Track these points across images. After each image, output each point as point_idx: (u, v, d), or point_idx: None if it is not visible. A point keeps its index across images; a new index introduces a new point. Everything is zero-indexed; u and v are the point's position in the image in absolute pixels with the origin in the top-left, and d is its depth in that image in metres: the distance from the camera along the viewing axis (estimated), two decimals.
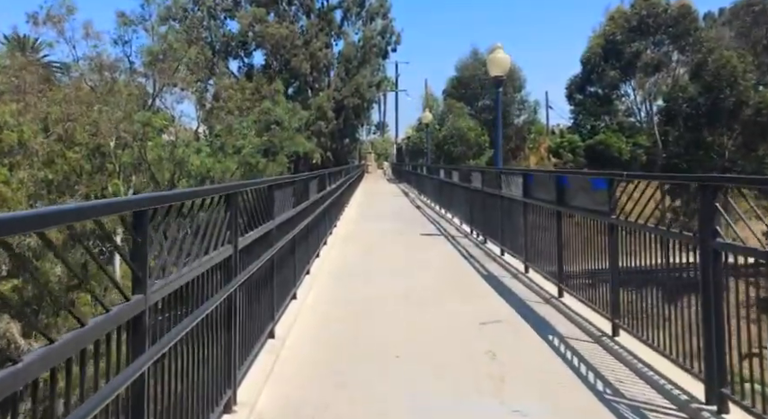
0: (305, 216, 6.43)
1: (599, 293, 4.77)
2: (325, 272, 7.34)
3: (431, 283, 6.71)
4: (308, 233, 6.95)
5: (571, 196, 5.49)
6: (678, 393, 3.31)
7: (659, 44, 38.55)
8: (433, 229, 12.20)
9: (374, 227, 12.55)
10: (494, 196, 8.96)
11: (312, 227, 7.40)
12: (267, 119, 23.87)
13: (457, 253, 9.03)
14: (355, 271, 7.40)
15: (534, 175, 6.84)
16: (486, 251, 8.94)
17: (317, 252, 8.15)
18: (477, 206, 10.26)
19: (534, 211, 6.72)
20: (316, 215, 7.74)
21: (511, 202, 7.86)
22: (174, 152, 20.00)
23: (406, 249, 9.28)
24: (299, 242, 6.08)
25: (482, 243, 9.52)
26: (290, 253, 5.46)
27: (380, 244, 9.88)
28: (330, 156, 42.38)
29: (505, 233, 8.20)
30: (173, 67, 22.87)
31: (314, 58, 40.82)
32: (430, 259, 8.30)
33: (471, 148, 43.44)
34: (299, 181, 6.31)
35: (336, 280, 6.87)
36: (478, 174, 10.04)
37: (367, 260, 8.26)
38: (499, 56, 10.14)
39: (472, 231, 10.77)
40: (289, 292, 5.45)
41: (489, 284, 6.65)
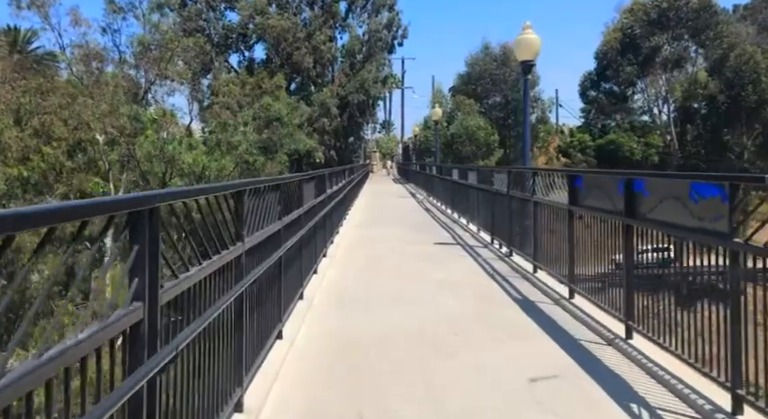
0: (295, 230, 5.02)
1: (706, 350, 3.33)
2: (322, 297, 5.92)
3: (452, 314, 5.28)
4: (302, 248, 5.54)
5: (649, 206, 4.06)
6: None
7: (678, 39, 36.93)
8: (446, 237, 10.77)
9: (381, 233, 11.13)
10: (524, 201, 7.53)
11: (307, 241, 5.99)
12: (267, 115, 22.47)
13: (479, 268, 7.60)
14: (357, 295, 5.97)
15: (585, 178, 5.40)
16: (512, 266, 7.51)
17: (315, 267, 6.75)
18: (500, 212, 8.82)
19: (586, 223, 5.28)
20: (313, 225, 6.33)
21: (549, 211, 6.42)
22: (164, 148, 18.63)
23: (417, 263, 7.85)
24: (287, 264, 4.68)
25: (507, 255, 8.09)
26: (272, 282, 4.05)
27: (388, 256, 8.45)
28: (334, 155, 40.99)
29: (540, 247, 6.76)
30: (165, 58, 21.51)
31: (317, 52, 39.39)
32: (448, 278, 6.87)
33: (480, 148, 41.93)
34: (288, 184, 4.89)
35: (335, 310, 5.44)
36: (503, 176, 8.60)
37: (372, 279, 6.83)
38: (529, 37, 8.70)
39: (493, 240, 9.34)
40: (271, 333, 4.04)
41: (528, 315, 5.22)
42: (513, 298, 5.85)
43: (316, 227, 6.82)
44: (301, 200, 5.52)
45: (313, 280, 6.39)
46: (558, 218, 6.04)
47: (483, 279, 6.87)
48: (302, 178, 5.65)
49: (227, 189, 3.05)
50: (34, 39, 30.42)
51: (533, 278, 6.64)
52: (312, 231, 6.51)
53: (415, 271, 7.24)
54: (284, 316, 4.42)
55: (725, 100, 36.91)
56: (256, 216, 3.52)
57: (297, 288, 5.30)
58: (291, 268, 4.98)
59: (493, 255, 8.48)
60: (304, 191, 5.88)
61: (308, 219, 6.04)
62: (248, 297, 3.29)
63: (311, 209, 6.38)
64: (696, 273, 3.69)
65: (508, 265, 7.65)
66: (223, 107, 23.73)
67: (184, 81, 22.02)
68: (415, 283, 6.55)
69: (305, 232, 5.66)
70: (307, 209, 5.92)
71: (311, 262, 6.41)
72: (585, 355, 4.14)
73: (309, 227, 6.02)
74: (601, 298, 4.90)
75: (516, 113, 40.29)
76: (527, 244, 7.36)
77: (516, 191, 7.98)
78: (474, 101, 41.75)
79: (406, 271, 7.30)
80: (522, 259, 7.57)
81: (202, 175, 21.65)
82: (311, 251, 6.39)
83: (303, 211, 5.60)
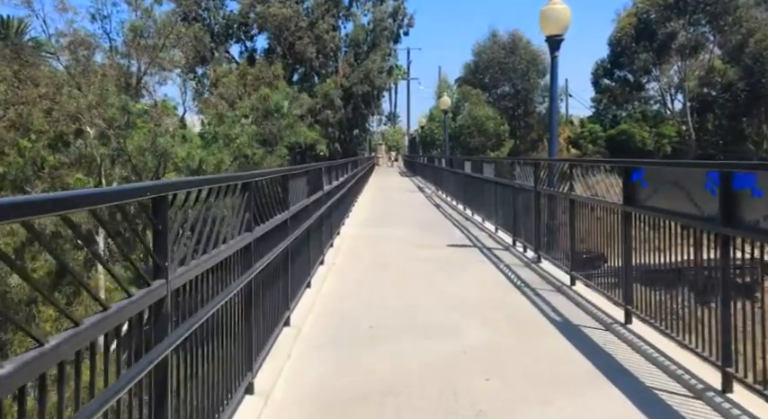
0: (275, 241, 3.88)
1: None
2: (314, 323, 4.79)
3: (480, 346, 4.13)
4: (289, 262, 4.42)
5: (764, 211, 2.89)
6: None
7: (695, 24, 35.34)
8: (460, 237, 9.61)
9: (387, 233, 9.98)
10: (557, 199, 6.36)
11: (296, 251, 4.86)
12: (265, 106, 21.28)
13: (502, 278, 6.44)
14: (359, 321, 4.80)
15: (649, 171, 4.21)
16: (542, 275, 6.35)
17: (308, 281, 5.61)
18: (524, 211, 7.65)
19: (651, 230, 4.12)
20: (305, 230, 5.20)
21: (593, 212, 5.26)
22: (155, 142, 17.51)
23: (430, 272, 6.70)
24: (264, 286, 3.56)
25: (534, 261, 6.92)
26: (240, 317, 2.91)
27: (396, 262, 7.29)
28: (338, 148, 39.80)
29: (577, 255, 5.60)
30: (158, 46, 20.35)
31: (320, 42, 38.11)
32: (468, 292, 5.72)
33: (490, 139, 40.58)
34: (264, 181, 3.76)
35: (328, 345, 4.29)
36: (529, 169, 7.42)
37: (377, 296, 5.67)
38: (557, 8, 7.47)
39: (515, 242, 8.17)
40: (239, 385, 2.90)
41: (577, 348, 4.06)
42: (552, 322, 4.69)
43: (309, 232, 5.68)
44: (286, 202, 4.37)
45: (306, 297, 5.26)
46: (607, 221, 4.87)
47: (510, 293, 5.71)
48: (288, 173, 4.49)
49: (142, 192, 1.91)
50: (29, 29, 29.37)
51: (571, 292, 5.48)
52: (304, 238, 5.37)
53: (428, 284, 6.09)
54: (255, 365, 3.27)
55: (744, 87, 35.39)
56: (203, 234, 2.37)
57: (278, 315, 4.16)
58: (270, 292, 3.84)
59: (517, 261, 7.32)
60: (292, 190, 4.74)
61: (298, 225, 4.90)
62: (203, 342, 2.19)
63: (302, 211, 5.24)
64: None
65: (537, 274, 6.49)
66: (219, 98, 22.58)
67: (180, 69, 20.85)
68: (430, 301, 5.39)
69: (292, 241, 4.52)
70: (296, 211, 4.78)
71: (302, 276, 5.27)
72: (659, 405, 2.99)
73: (299, 234, 4.88)
74: (676, 330, 3.73)
75: (526, 103, 38.92)
76: (560, 249, 6.20)
77: (544, 186, 6.81)
78: (482, 91, 40.38)
79: (418, 283, 6.14)
80: (553, 267, 6.41)
81: (199, 170, 20.57)
82: (302, 263, 5.25)
83: (290, 215, 4.45)
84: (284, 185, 4.40)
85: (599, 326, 4.52)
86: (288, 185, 4.44)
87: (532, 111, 39.69)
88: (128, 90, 20.30)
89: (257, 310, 3.38)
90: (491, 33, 40.23)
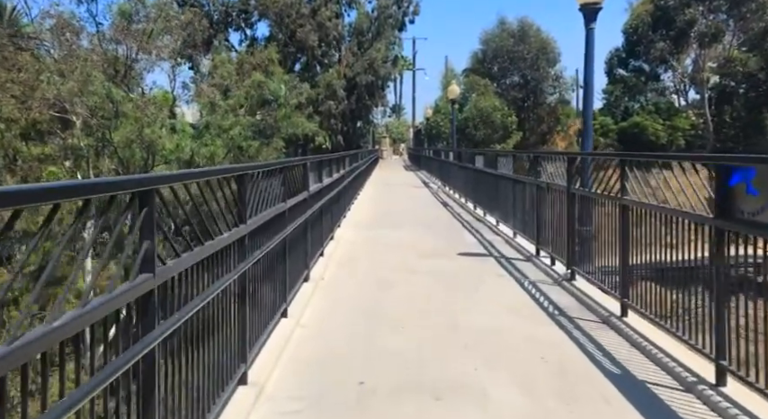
0: (218, 273, 2.63)
1: None
2: (282, 377, 3.53)
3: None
4: (246, 295, 3.18)
5: None
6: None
7: (716, 11, 33.73)
8: (472, 243, 8.34)
9: (389, 237, 8.72)
10: (598, 203, 5.08)
11: (266, 274, 3.62)
12: (261, 94, 19.98)
13: (530, 301, 5.17)
14: (345, 374, 3.50)
15: (764, 171, 2.92)
16: (580, 297, 5.08)
17: (284, 308, 4.36)
18: (553, 216, 6.37)
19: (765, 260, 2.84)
20: (279, 246, 3.97)
21: (659, 223, 3.98)
22: (142, 132, 16.26)
23: (439, 293, 5.43)
24: (205, 332, 2.33)
25: (566, 278, 5.65)
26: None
27: (398, 278, 6.02)
28: (341, 140, 38.51)
29: (637, 279, 4.32)
30: (148, 31, 19.07)
31: (322, 30, 36.72)
32: (489, 324, 4.46)
33: (496, 131, 39.12)
34: (218, 182, 2.52)
35: (299, 418, 3.02)
36: (560, 164, 6.12)
37: (371, 329, 4.38)
38: None
39: (539, 251, 6.90)
40: None
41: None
42: (611, 377, 3.42)
43: (287, 245, 4.43)
44: (242, 214, 3.11)
45: (278, 334, 4.01)
46: (685, 237, 3.59)
47: (544, 326, 4.44)
48: (245, 172, 3.23)
49: None
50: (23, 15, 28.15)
51: (623, 326, 4.22)
52: (277, 254, 4.13)
53: (438, 311, 4.82)
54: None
55: (765, 78, 33.85)
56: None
57: (225, 374, 2.90)
58: (213, 341, 2.59)
59: (543, 276, 6.05)
60: (259, 195, 3.50)
61: (264, 241, 3.65)
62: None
63: (275, 221, 3.99)
64: None
65: (573, 297, 5.21)
66: (212, 87, 21.30)
67: (170, 56, 19.56)
68: (442, 339, 4.12)
69: (251, 265, 3.27)
70: (261, 222, 3.53)
71: (273, 305, 4.02)
72: None
73: (268, 250, 3.63)
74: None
75: (536, 93, 37.40)
76: (604, 268, 4.92)
77: (582, 186, 5.53)
78: (490, 81, 38.88)
79: (426, 309, 4.87)
80: (592, 288, 5.14)
81: (191, 162, 19.36)
82: (273, 286, 4.00)
83: (247, 231, 3.20)
84: (241, 189, 3.15)
85: (678, 388, 3.25)
86: (246, 189, 3.17)
87: (542, 101, 38.17)
88: (116, 77, 19.08)
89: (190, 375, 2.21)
90: (499, 20, 38.73)
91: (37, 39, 17.61)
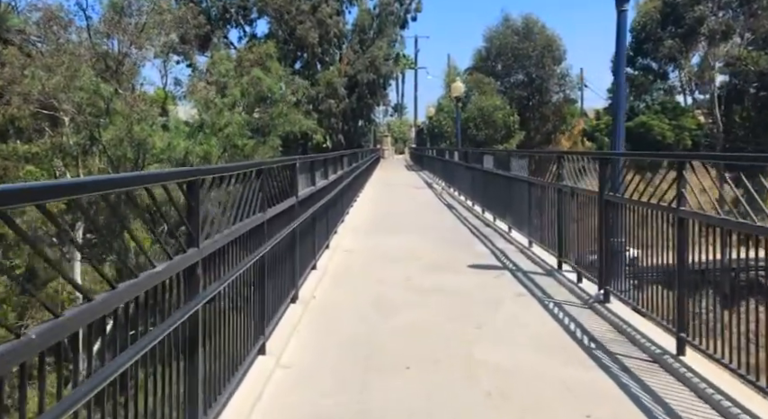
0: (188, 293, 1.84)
1: None
2: None
3: None
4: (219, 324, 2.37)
5: None
6: None
7: (726, 7, 32.82)
8: (483, 253, 7.51)
9: (390, 246, 7.90)
10: (639, 213, 4.26)
11: (237, 306, 2.81)
12: (257, 91, 19.15)
13: (561, 333, 4.33)
14: None
15: None
16: (620, 327, 4.26)
17: (261, 344, 3.54)
18: (578, 225, 5.54)
19: None
20: (260, 258, 3.16)
21: (727, 241, 3.16)
22: (131, 130, 15.46)
23: (450, 320, 4.60)
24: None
25: (598, 300, 4.83)
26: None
27: (401, 300, 5.18)
28: (341, 139, 37.69)
29: (698, 311, 3.51)
30: (140, 25, 18.28)
31: (323, 27, 35.87)
32: (514, 365, 3.63)
33: (499, 131, 38.23)
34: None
35: None
36: (590, 166, 5.29)
37: (368, 378, 3.53)
38: None
39: (561, 265, 6.08)
40: None
41: None
42: None
43: (266, 267, 3.61)
44: (193, 235, 2.29)
45: (249, 382, 3.19)
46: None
47: (584, 368, 3.60)
48: (209, 175, 2.41)
49: None
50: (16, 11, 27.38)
51: (682, 369, 3.40)
52: (252, 279, 3.31)
53: (452, 345, 3.98)
54: None
55: None
56: None
57: None
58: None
59: (570, 296, 5.22)
60: (220, 206, 2.68)
61: (237, 261, 2.83)
62: None
63: (248, 237, 3.18)
64: None
65: (608, 323, 4.39)
66: (209, 84, 20.51)
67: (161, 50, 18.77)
68: (459, 386, 3.29)
69: (208, 301, 2.45)
70: (229, 239, 2.71)
71: (248, 338, 3.20)
72: None
73: (235, 279, 2.81)
74: None
75: (541, 92, 36.52)
76: (650, 291, 4.10)
77: (613, 193, 4.70)
78: (494, 79, 37.99)
79: (437, 342, 4.03)
80: (633, 314, 4.32)
81: (185, 162, 18.55)
82: (238, 332, 3.17)
83: (200, 257, 2.38)
84: (191, 201, 2.33)
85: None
86: (197, 200, 2.35)
87: (548, 100, 37.26)
88: (106, 73, 18.29)
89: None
90: (503, 17, 37.80)
91: (23, 32, 16.84)
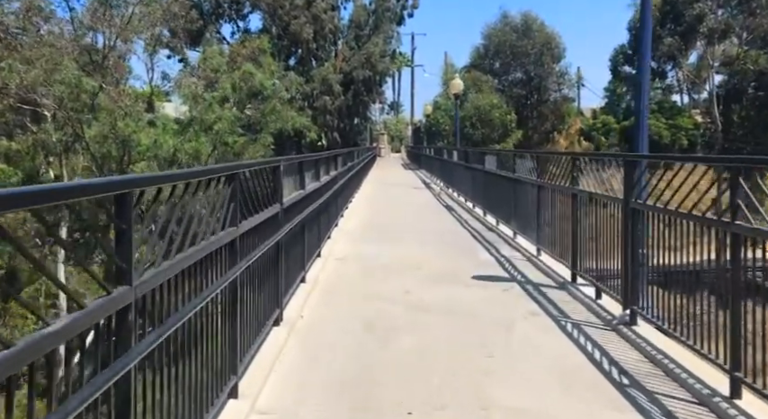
0: None
1: None
2: None
3: None
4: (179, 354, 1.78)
5: None
6: None
7: (725, 6, 32.39)
8: (489, 262, 6.93)
9: (386, 254, 7.30)
10: (674, 224, 3.68)
11: (198, 345, 2.21)
12: (249, 86, 18.50)
13: (586, 362, 3.75)
14: None
15: None
16: (650, 355, 3.68)
17: (232, 385, 2.93)
18: (597, 235, 4.96)
19: None
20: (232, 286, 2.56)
21: None
22: (115, 126, 14.79)
23: (457, 347, 4.00)
24: None
25: (623, 321, 4.25)
26: None
27: (398, 319, 4.58)
28: (337, 137, 37.03)
29: (755, 342, 2.93)
30: (126, 17, 17.59)
31: (318, 22, 35.19)
32: (537, 407, 3.05)
33: (496, 130, 37.63)
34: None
35: None
36: (612, 167, 4.70)
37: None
38: None
39: (576, 278, 5.50)
40: None
41: None
42: None
43: (238, 292, 3.01)
44: (123, 267, 1.69)
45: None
46: None
47: (614, 413, 3.02)
48: (146, 186, 1.82)
49: None
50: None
51: (733, 412, 2.82)
52: (221, 310, 2.71)
53: (461, 382, 3.38)
54: None
55: None
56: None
57: None
58: None
59: (590, 314, 4.64)
60: (163, 226, 2.08)
61: (194, 293, 2.23)
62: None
63: (209, 260, 2.57)
64: None
65: (639, 351, 3.81)
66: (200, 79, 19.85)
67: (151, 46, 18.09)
68: None
69: (148, 353, 1.85)
70: (183, 266, 2.11)
71: (209, 395, 2.59)
72: None
73: (197, 311, 2.21)
74: None
75: (540, 91, 35.98)
76: (690, 316, 3.53)
77: (641, 200, 4.12)
78: (492, 77, 37.39)
79: (443, 378, 3.43)
80: (666, 339, 3.75)
81: (174, 160, 17.90)
82: (196, 380, 2.56)
83: (142, 292, 1.78)
84: (121, 221, 1.73)
85: None
86: (128, 220, 1.75)
87: (546, 99, 36.73)
88: (90, 66, 17.59)
89: None
90: (502, 14, 37.19)
91: (1, 24, 16.13)
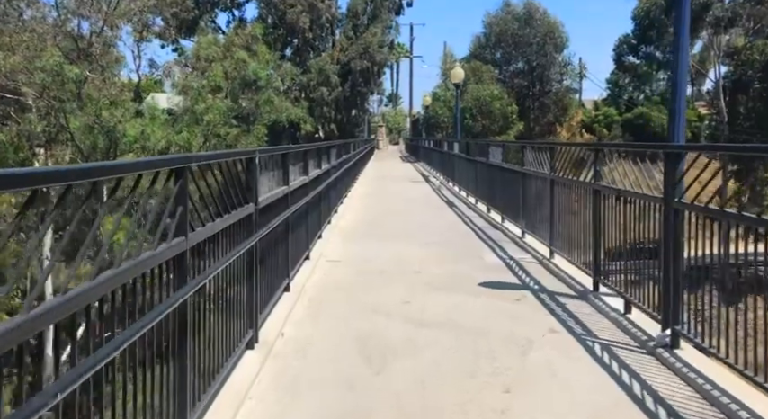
0: None
1: None
2: None
3: None
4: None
5: None
6: None
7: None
8: (496, 265, 6.27)
9: (383, 255, 6.64)
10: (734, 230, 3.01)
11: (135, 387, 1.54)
12: (242, 75, 17.75)
13: (623, 397, 3.09)
14: None
15: None
16: (700, 387, 3.03)
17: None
18: (627, 238, 4.29)
19: None
20: (188, 304, 1.90)
21: None
22: (99, 116, 14.08)
23: (466, 375, 3.34)
24: None
25: (662, 342, 3.60)
26: None
27: (396, 338, 3.91)
28: (334, 129, 36.28)
29: None
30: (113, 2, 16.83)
31: (314, 11, 34.33)
32: None
33: (496, 121, 36.85)
34: None
35: None
36: (646, 161, 4.02)
37: None
38: None
39: (598, 285, 4.85)
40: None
41: None
42: None
43: (195, 317, 2.34)
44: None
45: None
46: None
47: None
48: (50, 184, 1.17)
49: None
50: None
51: None
52: (169, 341, 2.04)
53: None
54: None
55: None
56: None
57: None
58: None
59: (619, 332, 3.99)
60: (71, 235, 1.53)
61: (126, 322, 1.56)
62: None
63: (147, 283, 1.90)
64: None
65: (687, 384, 3.15)
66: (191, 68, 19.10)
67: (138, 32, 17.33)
68: None
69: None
70: (105, 291, 1.44)
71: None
72: None
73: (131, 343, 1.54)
74: None
75: (542, 81, 35.20)
76: (746, 339, 2.87)
77: (687, 201, 3.45)
78: (492, 67, 36.57)
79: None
80: (719, 368, 3.10)
81: (165, 152, 17.18)
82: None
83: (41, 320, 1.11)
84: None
85: None
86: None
87: (549, 90, 35.95)
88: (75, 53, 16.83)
89: None
90: (504, 3, 36.29)
91: None
